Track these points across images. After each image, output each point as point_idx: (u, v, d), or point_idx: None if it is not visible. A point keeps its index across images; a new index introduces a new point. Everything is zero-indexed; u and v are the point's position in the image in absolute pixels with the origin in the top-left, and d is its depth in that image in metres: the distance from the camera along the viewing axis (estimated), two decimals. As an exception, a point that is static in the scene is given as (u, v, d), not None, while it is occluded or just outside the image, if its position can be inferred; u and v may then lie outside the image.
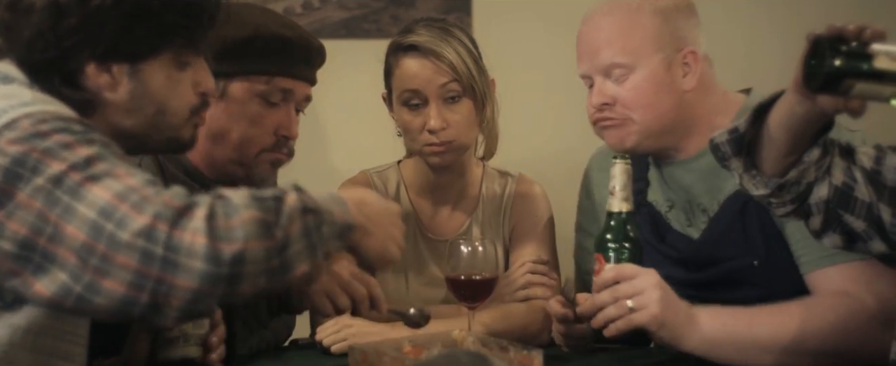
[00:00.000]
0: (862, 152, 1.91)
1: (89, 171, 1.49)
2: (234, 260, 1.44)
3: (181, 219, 1.44)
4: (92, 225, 1.45)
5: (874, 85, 1.71)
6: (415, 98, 2.35)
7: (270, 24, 2.23)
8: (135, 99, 1.71)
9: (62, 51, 1.66)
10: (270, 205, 1.51)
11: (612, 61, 2.20)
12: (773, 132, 1.85)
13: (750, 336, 2.03)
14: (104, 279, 1.44)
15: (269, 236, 1.48)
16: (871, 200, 1.87)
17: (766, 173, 1.89)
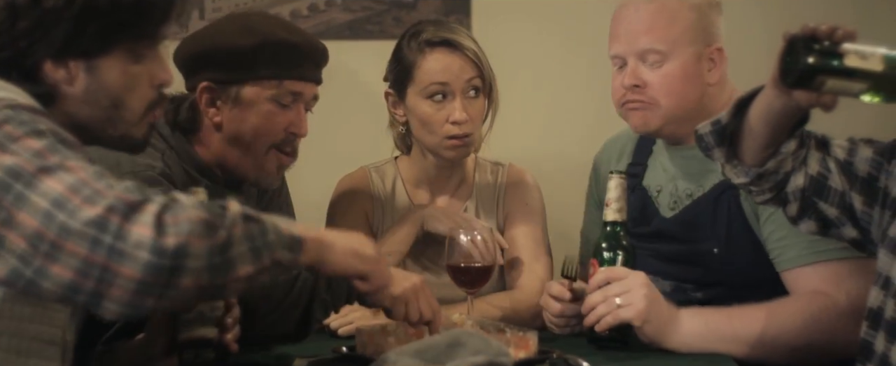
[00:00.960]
0: (836, 144, 2.00)
1: (42, 162, 1.53)
2: (176, 253, 1.49)
3: (133, 213, 1.50)
4: (44, 214, 1.50)
5: (845, 81, 1.78)
6: (441, 91, 2.43)
7: (278, 31, 2.30)
8: (91, 92, 1.74)
9: (18, 50, 1.69)
10: (215, 209, 1.57)
11: (651, 47, 2.28)
12: (752, 124, 1.94)
13: (730, 332, 2.12)
14: (53, 265, 1.50)
15: (212, 235, 1.53)
16: (843, 189, 1.96)
17: (747, 163, 1.98)
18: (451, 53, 2.44)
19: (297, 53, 2.29)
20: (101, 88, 1.72)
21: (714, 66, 2.31)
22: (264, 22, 2.36)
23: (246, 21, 2.36)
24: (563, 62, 3.22)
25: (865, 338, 1.89)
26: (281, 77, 2.27)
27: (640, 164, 2.44)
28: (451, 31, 2.47)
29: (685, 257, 2.31)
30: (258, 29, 2.29)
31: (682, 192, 2.35)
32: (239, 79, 2.25)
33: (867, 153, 1.97)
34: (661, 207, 2.37)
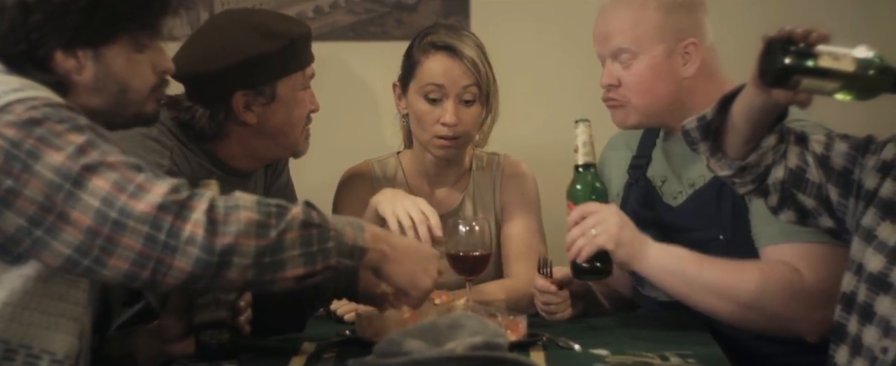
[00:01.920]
0: (814, 139, 2.08)
1: (85, 160, 1.65)
2: (223, 251, 1.64)
3: (184, 211, 1.64)
4: (96, 212, 1.63)
5: (819, 81, 1.86)
6: (436, 92, 2.52)
7: (292, 28, 2.42)
8: (99, 80, 1.84)
9: (32, 42, 1.80)
10: (272, 211, 1.69)
11: (620, 46, 2.39)
12: (735, 120, 2.02)
13: (697, 273, 2.21)
14: (110, 257, 1.64)
15: (263, 236, 1.67)
16: (820, 182, 2.04)
17: (730, 156, 2.07)
18: (452, 59, 2.52)
19: (303, 43, 2.42)
20: (109, 75, 1.83)
21: (689, 59, 2.39)
22: (277, 22, 2.46)
23: (261, 27, 2.41)
24: (560, 60, 3.26)
25: (839, 321, 1.97)
26: (303, 66, 2.41)
27: (644, 156, 2.53)
28: (457, 39, 2.54)
29: (691, 246, 2.35)
30: (277, 31, 2.39)
31: (686, 182, 2.43)
32: (272, 79, 2.36)
33: (843, 148, 2.05)
34: (665, 196, 2.46)
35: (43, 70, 1.79)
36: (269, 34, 2.36)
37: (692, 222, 2.39)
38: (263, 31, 2.38)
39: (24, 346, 1.73)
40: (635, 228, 2.24)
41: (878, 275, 1.92)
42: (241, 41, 2.39)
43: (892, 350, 1.86)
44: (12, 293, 1.71)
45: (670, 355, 2.03)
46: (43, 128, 1.67)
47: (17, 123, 1.66)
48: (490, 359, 1.81)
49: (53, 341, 1.75)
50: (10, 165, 1.65)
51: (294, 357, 2.04)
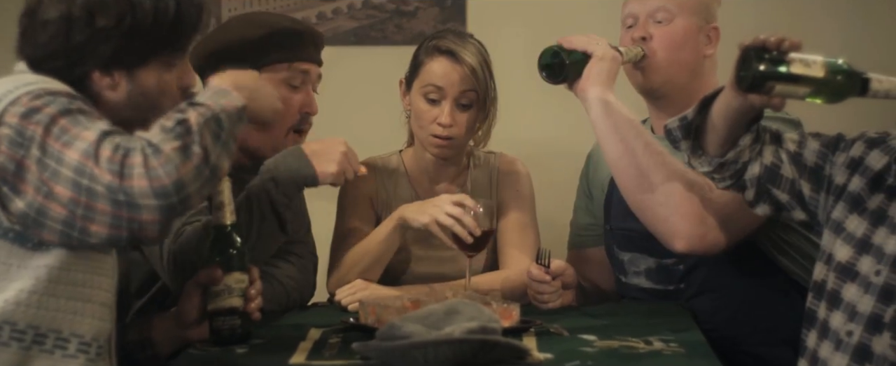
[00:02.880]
0: (787, 138, 2.19)
1: (64, 137, 1.73)
2: (177, 186, 1.72)
3: (124, 169, 1.71)
4: (72, 183, 1.71)
5: (791, 86, 1.97)
6: (435, 93, 2.62)
7: (281, 21, 2.52)
8: (132, 98, 1.91)
9: (71, 60, 1.86)
10: (180, 130, 1.76)
11: (663, 5, 2.54)
12: (714, 121, 2.14)
13: (635, 134, 2.34)
14: (92, 224, 1.72)
15: (191, 155, 1.74)
16: (794, 178, 2.15)
17: (710, 154, 2.18)
18: (453, 63, 2.62)
19: (301, 37, 2.50)
20: (141, 94, 1.92)
21: (709, 41, 2.57)
22: (267, 15, 2.58)
23: (250, 17, 2.57)
24: None
25: (810, 307, 2.09)
26: (290, 60, 2.48)
27: None
28: (461, 45, 2.64)
29: None
30: (263, 21, 2.50)
31: None
32: (253, 66, 2.41)
33: (815, 146, 2.17)
34: None
35: (78, 87, 1.87)
36: (255, 24, 2.47)
37: None
38: (250, 22, 2.49)
39: (53, 330, 1.81)
40: (614, 75, 2.41)
41: (846, 264, 2.04)
42: (229, 29, 2.52)
43: (856, 333, 1.98)
44: (37, 281, 1.78)
45: (654, 340, 2.13)
46: (41, 114, 1.74)
47: (21, 112, 1.74)
48: (485, 342, 1.93)
49: (81, 324, 1.82)
50: (14, 152, 1.73)
51: (301, 343, 2.14)
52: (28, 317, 1.78)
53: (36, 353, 1.80)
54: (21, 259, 1.78)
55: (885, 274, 1.98)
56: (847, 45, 3.24)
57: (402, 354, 1.93)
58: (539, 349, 2.06)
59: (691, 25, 2.55)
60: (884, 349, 1.96)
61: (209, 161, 1.76)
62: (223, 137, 1.80)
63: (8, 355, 1.78)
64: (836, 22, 3.34)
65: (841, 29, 3.35)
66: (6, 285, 1.78)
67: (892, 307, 1.96)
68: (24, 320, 1.78)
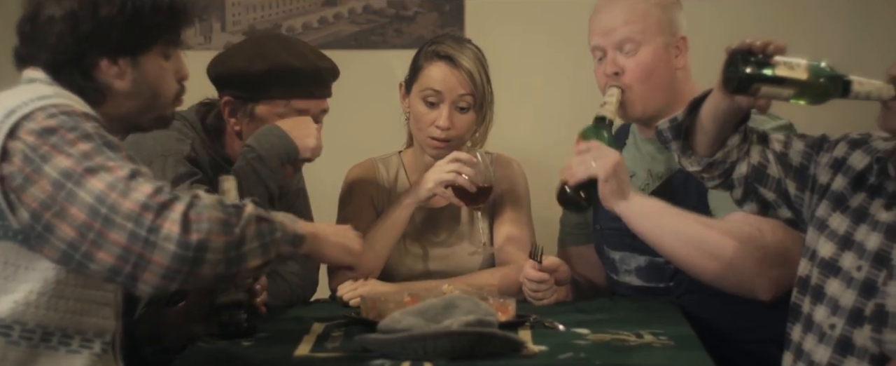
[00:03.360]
0: (774, 138, 2.25)
1: (88, 163, 1.79)
2: (198, 247, 1.77)
3: (164, 211, 1.77)
4: (90, 208, 1.77)
5: (776, 88, 2.01)
6: (434, 97, 2.69)
7: (282, 56, 2.53)
8: (136, 86, 1.98)
9: (79, 51, 1.94)
10: (231, 210, 1.83)
11: (627, 36, 2.57)
12: (703, 122, 2.19)
13: (669, 221, 2.41)
14: (99, 251, 1.77)
15: (228, 233, 1.80)
16: (780, 177, 2.21)
17: (699, 154, 2.23)
18: (452, 68, 2.69)
19: (302, 76, 2.52)
20: (144, 82, 1.99)
21: (679, 52, 2.60)
22: (275, 47, 2.58)
23: (259, 48, 2.59)
24: (548, 67, 3.42)
25: (795, 302, 2.16)
26: (288, 97, 2.51)
27: (617, 149, 2.61)
28: (459, 50, 2.71)
29: None
30: (268, 55, 2.53)
31: (654, 174, 2.61)
32: (252, 98, 2.51)
33: (800, 146, 2.23)
34: (635, 187, 2.60)
35: (86, 77, 1.95)
36: (260, 56, 2.51)
37: None
38: (256, 53, 2.53)
39: (59, 329, 1.86)
40: (627, 173, 2.43)
41: (829, 260, 2.11)
42: (236, 56, 2.57)
43: (838, 326, 2.05)
44: (46, 284, 1.83)
45: (644, 334, 2.21)
46: (57, 136, 1.81)
47: (36, 130, 1.81)
48: (482, 335, 2.01)
49: (86, 323, 1.88)
50: (25, 166, 1.79)
51: (305, 336, 2.22)
52: (37, 317, 1.84)
53: (42, 350, 1.85)
54: (29, 261, 1.83)
55: (866, 269, 2.05)
56: (847, 45, 3.29)
57: (402, 345, 2.01)
58: (534, 342, 2.14)
59: (658, 47, 2.58)
60: (864, 341, 2.03)
61: (241, 249, 1.82)
62: (266, 242, 1.86)
63: (17, 354, 1.83)
64: (837, 22, 3.38)
65: (841, 29, 3.38)
66: (15, 286, 1.83)
67: (873, 301, 2.03)
68: (33, 320, 1.84)
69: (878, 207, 2.09)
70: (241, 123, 2.54)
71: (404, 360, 2.00)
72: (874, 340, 2.02)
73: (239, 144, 2.55)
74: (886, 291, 2.01)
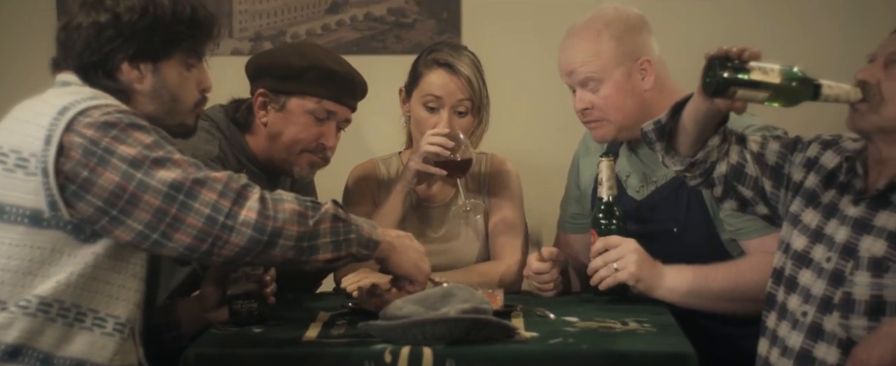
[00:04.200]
0: (751, 139, 2.36)
1: (153, 154, 1.95)
2: (273, 233, 1.97)
3: (241, 198, 1.96)
4: (165, 195, 1.94)
5: (752, 91, 2.12)
6: (434, 102, 2.80)
7: (324, 59, 2.70)
8: (156, 89, 2.11)
9: (104, 55, 2.07)
10: (309, 205, 2.02)
11: (586, 76, 2.65)
12: (685, 124, 2.30)
13: (706, 287, 2.51)
14: (176, 233, 1.95)
15: (303, 224, 2.00)
16: (757, 175, 2.33)
17: (681, 154, 2.35)
18: (451, 75, 2.79)
19: (337, 80, 2.68)
20: (164, 86, 2.13)
21: (646, 74, 2.65)
22: (316, 50, 2.75)
23: (302, 48, 2.77)
24: (541, 71, 3.33)
25: (770, 291, 2.29)
26: (321, 96, 2.66)
27: (612, 152, 2.75)
28: (457, 58, 2.82)
29: (648, 235, 2.64)
30: (309, 55, 2.69)
31: (649, 179, 2.70)
32: (287, 91, 2.66)
33: (775, 147, 2.35)
34: (629, 189, 2.72)
35: (110, 78, 2.09)
36: (301, 55, 2.67)
37: (652, 214, 2.68)
38: (299, 52, 2.69)
39: (92, 309, 2.01)
40: (651, 261, 2.52)
41: (802, 252, 2.23)
42: (280, 51, 2.73)
43: (810, 314, 2.18)
44: (85, 267, 1.99)
45: (629, 321, 2.33)
46: (117, 129, 1.96)
47: (95, 124, 1.96)
48: (477, 321, 2.14)
49: (116, 306, 2.03)
50: (88, 160, 1.94)
51: (312, 323, 2.33)
52: (74, 297, 1.99)
53: (77, 329, 2.00)
54: (72, 249, 1.98)
55: (834, 260, 2.17)
56: (847, 45, 3.34)
57: (402, 331, 2.14)
58: (526, 329, 2.26)
59: (620, 78, 2.65)
60: (833, 327, 2.15)
61: (314, 239, 2.00)
62: (339, 239, 2.04)
63: (54, 330, 1.98)
64: (836, 22, 3.42)
65: (841, 28, 3.43)
66: (58, 270, 1.98)
67: (841, 290, 2.15)
68: (70, 299, 1.99)
69: (846, 203, 2.21)
70: (270, 115, 2.68)
71: (405, 344, 2.12)
72: (842, 326, 2.14)
73: (263, 137, 2.70)
74: (853, 280, 2.14)
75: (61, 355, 1.99)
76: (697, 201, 2.62)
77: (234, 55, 3.46)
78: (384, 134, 3.06)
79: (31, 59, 3.27)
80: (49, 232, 1.97)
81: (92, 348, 2.01)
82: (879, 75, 2.16)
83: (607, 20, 2.67)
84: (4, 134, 2.01)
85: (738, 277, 2.52)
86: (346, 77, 2.70)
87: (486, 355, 2.12)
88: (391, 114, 2.98)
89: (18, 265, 1.97)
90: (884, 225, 2.14)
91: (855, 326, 2.13)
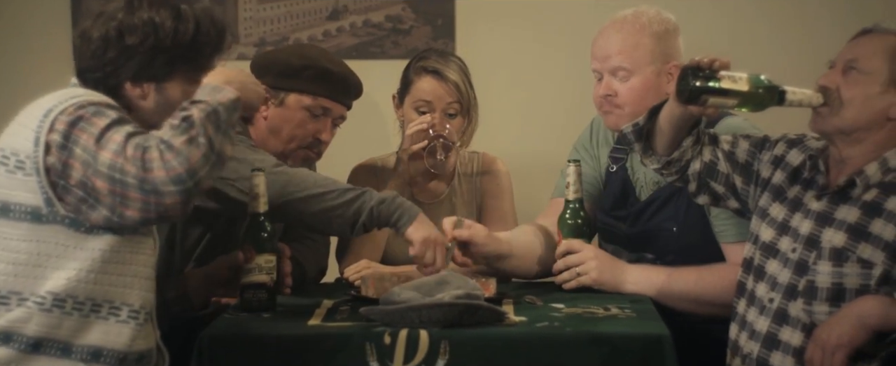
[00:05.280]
0: (722, 139, 2.50)
1: (101, 140, 1.96)
2: (190, 174, 1.97)
3: (145, 164, 1.95)
4: (107, 177, 1.96)
5: (721, 98, 2.25)
6: (425, 107, 2.93)
7: (321, 59, 2.84)
8: (160, 106, 2.13)
9: (107, 73, 2.10)
10: (186, 126, 1.98)
11: (619, 65, 2.72)
12: (661, 126, 2.45)
13: (668, 288, 2.65)
14: (127, 210, 2.00)
15: (198, 145, 1.97)
16: (728, 172, 2.47)
17: (659, 153, 2.49)
18: (439, 81, 2.93)
19: (333, 79, 2.82)
20: (167, 103, 2.14)
21: (671, 79, 2.68)
22: (315, 51, 2.89)
23: (302, 49, 2.92)
24: (532, 74, 3.58)
25: (740, 280, 2.44)
26: (317, 94, 2.81)
27: (625, 147, 2.83)
28: (444, 64, 2.95)
29: (649, 233, 2.77)
30: (308, 55, 2.83)
31: (651, 179, 2.80)
32: (286, 87, 2.79)
33: (745, 145, 2.50)
34: (637, 187, 2.82)
35: (114, 94, 2.13)
36: (301, 55, 2.81)
37: (653, 214, 2.79)
38: (299, 52, 2.83)
39: (107, 301, 2.10)
40: (612, 262, 2.65)
41: (769, 243, 2.39)
42: (282, 51, 2.87)
43: (776, 300, 2.35)
44: (93, 262, 2.07)
45: (612, 308, 2.47)
46: (83, 120, 2.00)
47: (67, 120, 2.00)
48: (469, 306, 2.28)
49: (129, 296, 2.12)
50: (61, 154, 2.00)
51: (316, 310, 2.47)
52: (87, 291, 2.08)
53: (93, 320, 2.10)
54: (77, 241, 2.07)
55: (799, 251, 2.34)
56: (844, 44, 3.35)
57: (400, 315, 2.28)
58: (515, 314, 2.40)
59: (649, 76, 2.73)
60: (797, 313, 2.32)
61: (214, 148, 2.02)
62: (223, 127, 2.05)
63: (71, 322, 2.09)
64: (836, 22, 3.42)
65: (841, 29, 3.30)
66: (66, 263, 2.07)
67: (805, 278, 2.31)
68: (83, 293, 2.08)
69: (810, 197, 2.37)
70: (270, 110, 2.81)
71: (403, 327, 2.26)
72: (806, 311, 2.30)
73: (263, 131, 2.83)
74: (816, 269, 2.30)
75: (80, 344, 2.08)
76: (695, 203, 2.69)
77: (240, 59, 3.44)
78: (382, 134, 3.21)
79: (45, 63, 3.48)
80: (50, 227, 2.06)
81: (108, 336, 2.10)
82: (838, 81, 2.32)
83: (651, 19, 2.77)
84: (8, 137, 2.09)
85: (697, 281, 2.65)
86: (341, 76, 2.84)
87: (478, 338, 2.26)
88: (389, 115, 3.09)
89: (28, 259, 2.06)
90: (844, 218, 2.31)
91: (817, 311, 2.29)
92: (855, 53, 2.34)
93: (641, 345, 2.25)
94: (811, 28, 3.49)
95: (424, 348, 2.25)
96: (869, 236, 2.28)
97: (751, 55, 3.26)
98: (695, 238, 2.74)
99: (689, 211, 2.74)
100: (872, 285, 2.27)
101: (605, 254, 2.70)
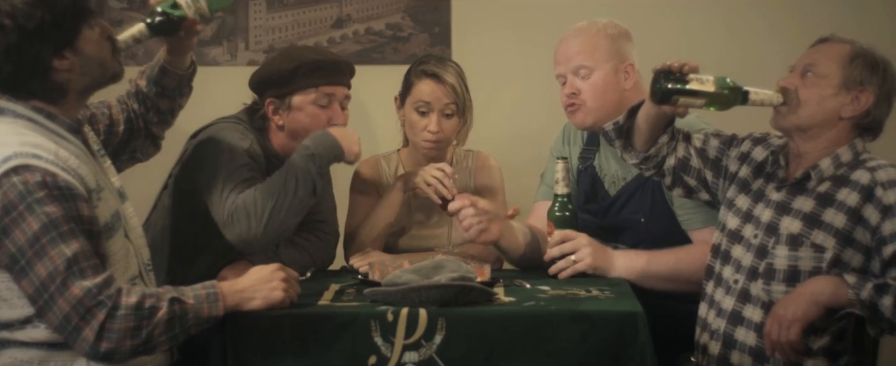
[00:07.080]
0: (694, 137, 2.69)
1: (39, 245, 2.06)
2: (106, 354, 2.11)
3: (87, 316, 2.08)
4: (38, 286, 2.08)
5: (690, 98, 2.42)
6: (424, 108, 3.09)
7: (307, 54, 2.97)
8: (85, 65, 2.19)
9: (31, 64, 2.14)
10: (145, 314, 2.11)
11: (581, 64, 2.91)
12: (639, 124, 2.64)
13: (650, 270, 2.82)
14: (46, 314, 2.11)
15: (137, 337, 2.11)
16: (699, 167, 2.66)
17: (637, 149, 2.68)
18: (437, 84, 3.10)
19: (324, 66, 2.95)
20: (90, 59, 2.23)
21: (627, 76, 2.93)
22: (300, 50, 3.03)
23: (288, 52, 3.04)
24: (522, 78, 3.71)
25: (709, 264, 2.64)
26: (316, 85, 2.95)
27: (592, 148, 3.02)
28: (442, 68, 3.11)
29: (619, 224, 2.94)
30: (295, 56, 2.97)
31: (618, 175, 2.97)
32: (288, 92, 2.93)
33: (715, 143, 2.68)
34: (606, 183, 2.99)
35: (44, 80, 2.18)
36: (289, 58, 2.94)
37: (622, 206, 2.98)
38: (286, 56, 2.97)
39: None
40: (602, 248, 2.81)
41: (734, 231, 2.59)
42: (272, 63, 2.99)
43: (740, 281, 2.55)
44: None
45: (593, 290, 2.66)
46: (29, 200, 2.09)
47: (14, 193, 2.09)
48: (463, 287, 2.46)
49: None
50: (2, 219, 2.10)
51: (325, 292, 2.64)
52: None
53: None
54: None
55: (760, 237, 2.53)
56: None
57: (401, 295, 2.47)
58: (505, 295, 2.59)
59: (608, 72, 2.93)
60: (758, 292, 2.52)
61: (148, 344, 2.13)
62: (175, 333, 2.16)
63: None
64: (836, 22, 3.39)
65: (840, 29, 3.31)
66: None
67: (765, 261, 2.51)
68: None
69: (771, 189, 2.57)
70: (282, 118, 2.96)
71: (403, 306, 2.43)
72: (765, 290, 2.51)
73: (282, 137, 2.97)
74: (775, 253, 2.50)
75: None
76: (660, 196, 2.91)
77: (251, 65, 3.64)
78: (384, 133, 3.33)
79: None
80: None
81: None
82: (797, 83, 2.51)
83: (606, 24, 3.00)
84: None
85: (675, 263, 2.83)
86: (331, 61, 2.97)
87: (472, 315, 2.43)
88: (390, 116, 3.25)
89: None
90: (800, 208, 2.51)
91: (775, 290, 2.49)
92: (812, 59, 2.52)
93: (618, 321, 2.42)
94: (811, 28, 3.32)
95: (423, 324, 2.40)
96: (821, 224, 2.47)
97: (751, 55, 3.39)
98: (661, 227, 2.92)
99: (654, 203, 2.93)
100: (824, 267, 2.46)
101: (595, 241, 2.85)
